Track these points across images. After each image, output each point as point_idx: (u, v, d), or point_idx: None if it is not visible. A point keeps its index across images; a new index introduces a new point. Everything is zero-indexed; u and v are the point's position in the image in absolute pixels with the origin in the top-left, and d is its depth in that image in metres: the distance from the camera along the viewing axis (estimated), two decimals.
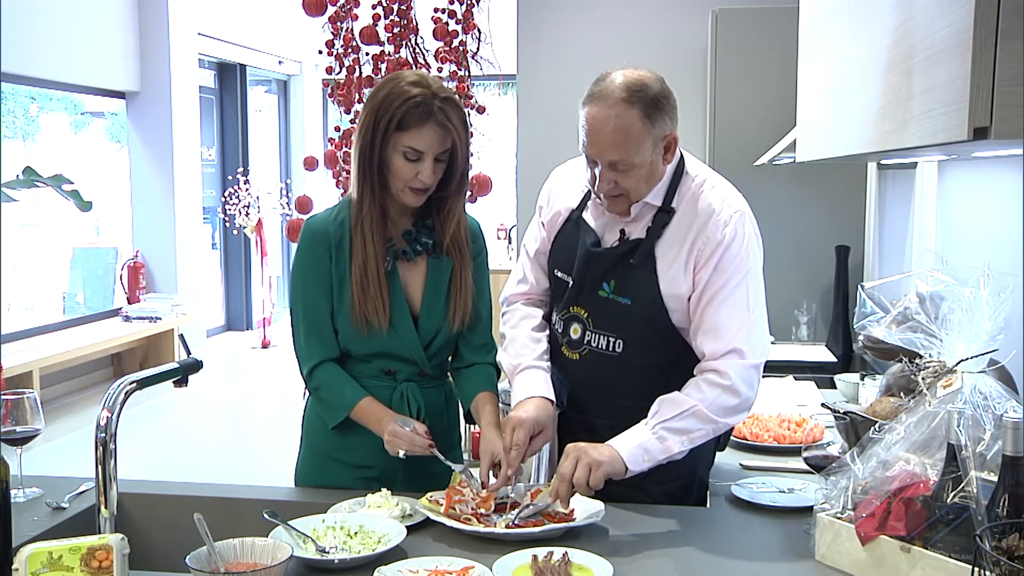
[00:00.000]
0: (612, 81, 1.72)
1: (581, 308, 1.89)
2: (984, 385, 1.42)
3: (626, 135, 1.70)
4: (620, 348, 1.86)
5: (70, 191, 4.72)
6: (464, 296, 1.95)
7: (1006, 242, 2.02)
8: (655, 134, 1.73)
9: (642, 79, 1.72)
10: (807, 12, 2.41)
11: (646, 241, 1.82)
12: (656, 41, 4.47)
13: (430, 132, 1.80)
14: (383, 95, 1.82)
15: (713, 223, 1.78)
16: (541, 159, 4.40)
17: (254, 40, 9.21)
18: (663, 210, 1.82)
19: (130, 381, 1.63)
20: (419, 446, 1.82)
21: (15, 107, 8.01)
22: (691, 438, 1.73)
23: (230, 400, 6.93)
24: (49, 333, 6.82)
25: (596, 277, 1.86)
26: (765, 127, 3.66)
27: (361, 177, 1.86)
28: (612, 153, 1.72)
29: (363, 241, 1.87)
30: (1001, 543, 1.19)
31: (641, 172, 1.75)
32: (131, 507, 1.84)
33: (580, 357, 1.90)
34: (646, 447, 1.70)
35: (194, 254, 8.27)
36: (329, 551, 1.56)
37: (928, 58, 1.37)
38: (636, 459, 1.69)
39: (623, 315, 1.84)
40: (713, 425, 1.75)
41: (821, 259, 3.67)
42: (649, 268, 1.81)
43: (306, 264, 1.92)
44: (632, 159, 1.72)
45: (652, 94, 1.72)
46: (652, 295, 1.81)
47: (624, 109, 1.70)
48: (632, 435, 1.72)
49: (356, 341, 1.91)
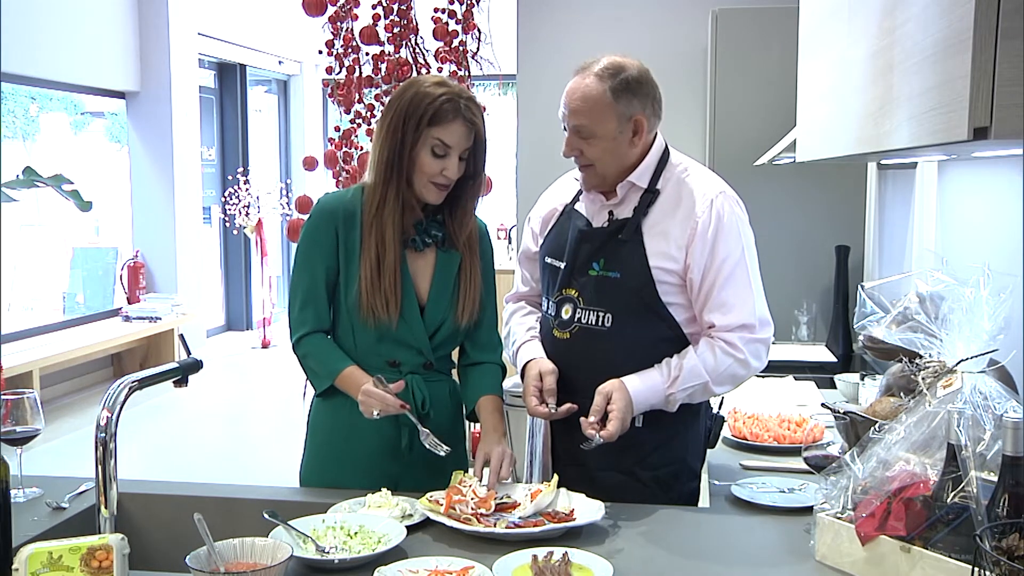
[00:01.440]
0: (597, 60, 1.89)
1: (572, 289, 1.96)
2: (984, 385, 1.42)
3: (591, 104, 1.85)
4: (609, 322, 1.90)
5: (70, 191, 4.71)
6: (473, 292, 1.99)
7: (1006, 242, 2.02)
8: (619, 111, 1.85)
9: (623, 63, 1.88)
10: (807, 12, 2.41)
11: (633, 219, 1.90)
12: (656, 41, 4.47)
13: (459, 128, 1.88)
14: (410, 95, 1.90)
15: (701, 201, 1.88)
16: (541, 159, 4.42)
17: (254, 40, 9.21)
18: (648, 191, 1.92)
19: (130, 381, 1.63)
20: (391, 405, 1.82)
21: (15, 107, 8.01)
22: (692, 400, 1.89)
23: (230, 400, 6.93)
24: (49, 333, 6.82)
25: (586, 257, 1.93)
26: (765, 127, 3.66)
27: (387, 173, 1.91)
28: (575, 118, 1.87)
29: (380, 236, 1.91)
30: (1001, 543, 1.19)
31: (604, 144, 1.87)
32: (131, 507, 1.84)
33: (570, 335, 1.95)
34: (653, 404, 1.86)
35: (194, 254, 8.27)
36: (329, 551, 1.56)
37: (928, 58, 1.37)
38: (641, 408, 1.85)
39: (612, 289, 1.90)
40: (712, 394, 1.91)
41: (821, 259, 3.67)
42: (637, 242, 1.89)
43: (313, 237, 1.96)
44: (593, 128, 1.86)
45: (626, 76, 1.86)
46: (641, 267, 1.88)
47: (595, 81, 1.86)
48: (649, 392, 1.85)
49: (362, 329, 1.93)
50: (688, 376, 1.85)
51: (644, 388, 1.84)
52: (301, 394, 2.21)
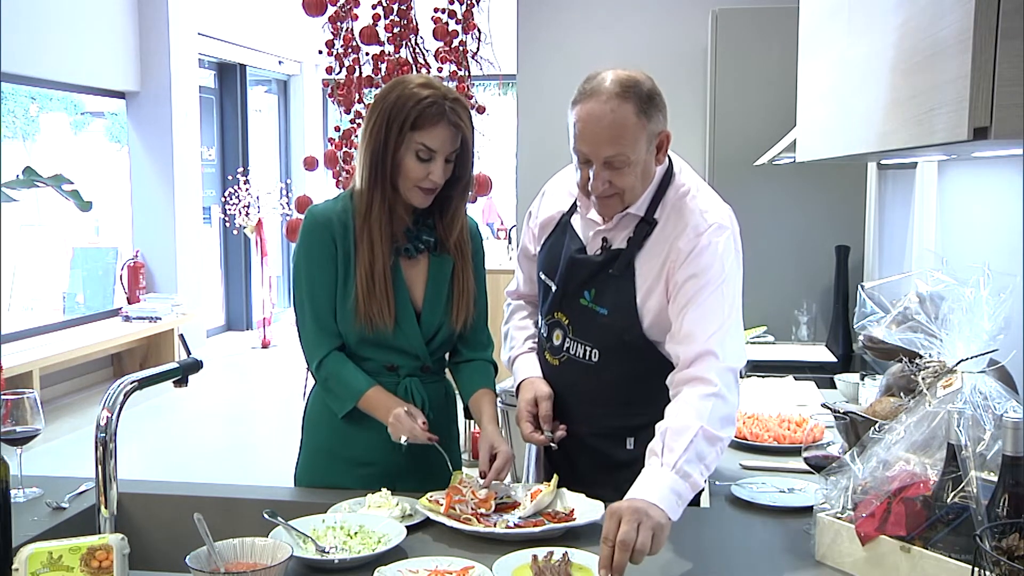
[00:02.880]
0: (603, 79, 1.71)
1: (563, 315, 1.90)
2: (984, 385, 1.42)
3: (622, 129, 1.68)
4: (596, 357, 1.86)
5: (70, 191, 4.72)
6: (467, 296, 1.97)
7: (1006, 242, 2.02)
8: (649, 130, 1.71)
9: (633, 76, 1.71)
10: (807, 12, 2.41)
11: (626, 252, 1.81)
12: (656, 41, 4.48)
13: (443, 131, 1.83)
14: (394, 97, 1.84)
15: (690, 231, 1.75)
16: (541, 159, 4.42)
17: (254, 40, 9.21)
18: (645, 221, 1.80)
19: (130, 381, 1.63)
20: (419, 437, 1.84)
21: (15, 107, 8.01)
22: (707, 464, 1.58)
23: (230, 400, 6.93)
24: (49, 333, 6.82)
25: (578, 284, 1.86)
26: (765, 127, 3.66)
27: (372, 178, 1.87)
28: (608, 148, 1.69)
29: (370, 243, 1.88)
30: (1001, 543, 1.19)
31: (637, 170, 1.73)
32: (131, 507, 1.84)
33: (560, 364, 1.92)
34: (678, 492, 1.52)
35: (194, 254, 8.27)
36: (329, 551, 1.56)
37: (928, 58, 1.37)
38: (673, 507, 1.49)
39: (600, 325, 1.84)
40: (720, 444, 1.62)
41: (821, 259, 3.67)
42: (627, 279, 1.80)
43: (311, 253, 1.91)
44: (628, 155, 1.70)
45: (645, 90, 1.70)
46: (628, 306, 1.80)
47: (619, 103, 1.67)
48: (657, 483, 1.51)
49: (360, 335, 1.91)
50: (675, 438, 1.56)
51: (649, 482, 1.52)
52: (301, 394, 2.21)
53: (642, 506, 1.44)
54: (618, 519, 1.41)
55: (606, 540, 1.41)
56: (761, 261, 1.85)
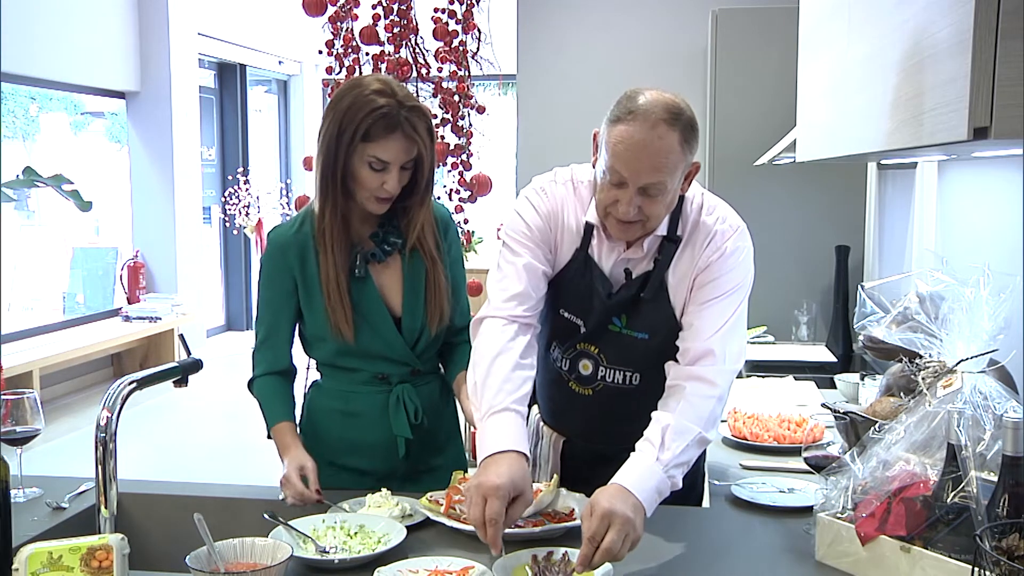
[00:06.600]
0: (650, 100, 1.60)
1: (592, 346, 1.82)
2: (984, 385, 1.42)
3: (666, 158, 1.59)
4: (637, 381, 1.82)
5: (70, 191, 4.72)
6: (439, 298, 1.93)
7: (1006, 242, 2.02)
8: (687, 161, 1.64)
9: (677, 102, 1.62)
10: (807, 12, 2.41)
11: (656, 273, 1.75)
12: (656, 41, 4.48)
13: (396, 143, 1.77)
14: (347, 104, 1.77)
15: (717, 239, 1.73)
16: (541, 159, 4.41)
17: (254, 40, 9.21)
18: (669, 239, 1.75)
19: (130, 381, 1.63)
20: (308, 500, 1.76)
21: (15, 107, 8.01)
22: (687, 466, 1.60)
23: (230, 400, 6.92)
24: (49, 333, 6.82)
25: (606, 314, 1.80)
26: (765, 127, 3.66)
27: (324, 187, 1.83)
28: (648, 176, 1.60)
29: (326, 253, 1.86)
30: (1001, 543, 1.19)
31: (667, 199, 1.65)
32: (131, 507, 1.84)
33: (593, 392, 1.85)
34: (661, 492, 1.54)
35: (194, 254, 8.27)
36: (329, 551, 1.56)
37: (928, 58, 1.38)
38: (652, 506, 1.52)
39: (641, 350, 1.79)
40: (704, 447, 1.68)
41: (821, 259, 3.67)
42: (663, 300, 1.75)
43: (270, 276, 1.92)
44: (667, 183, 1.62)
45: (687, 118, 1.62)
46: (669, 326, 1.75)
47: (667, 131, 1.58)
48: (647, 477, 1.52)
49: (342, 350, 1.90)
50: (675, 438, 1.57)
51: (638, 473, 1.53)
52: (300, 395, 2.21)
53: (631, 514, 1.44)
54: (607, 524, 1.41)
55: (592, 540, 1.41)
56: (761, 261, 1.84)
